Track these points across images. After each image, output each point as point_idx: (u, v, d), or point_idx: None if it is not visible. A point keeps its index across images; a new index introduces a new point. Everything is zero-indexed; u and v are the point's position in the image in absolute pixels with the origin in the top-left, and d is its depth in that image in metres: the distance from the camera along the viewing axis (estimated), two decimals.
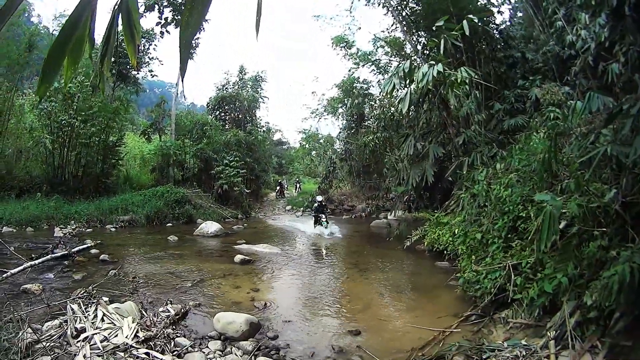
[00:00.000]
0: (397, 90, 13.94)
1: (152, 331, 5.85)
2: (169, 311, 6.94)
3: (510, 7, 19.26)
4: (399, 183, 16.77)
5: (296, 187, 42.14)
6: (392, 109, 23.45)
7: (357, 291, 9.40)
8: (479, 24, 13.43)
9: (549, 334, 5.22)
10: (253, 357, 5.70)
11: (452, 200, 12.43)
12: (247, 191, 28.66)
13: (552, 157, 6.22)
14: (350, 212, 29.57)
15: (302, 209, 31.00)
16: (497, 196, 8.10)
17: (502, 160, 10.35)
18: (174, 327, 6.43)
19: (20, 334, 5.09)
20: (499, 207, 7.95)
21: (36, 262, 9.79)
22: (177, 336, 6.04)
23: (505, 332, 6.06)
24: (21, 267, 9.02)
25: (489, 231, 8.06)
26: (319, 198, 20.61)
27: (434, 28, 12.95)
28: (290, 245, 15.96)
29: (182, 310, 7.11)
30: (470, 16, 12.65)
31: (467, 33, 12.33)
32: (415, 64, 13.17)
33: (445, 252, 10.73)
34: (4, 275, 8.17)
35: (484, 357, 5.26)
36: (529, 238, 6.49)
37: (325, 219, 18.54)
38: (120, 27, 2.18)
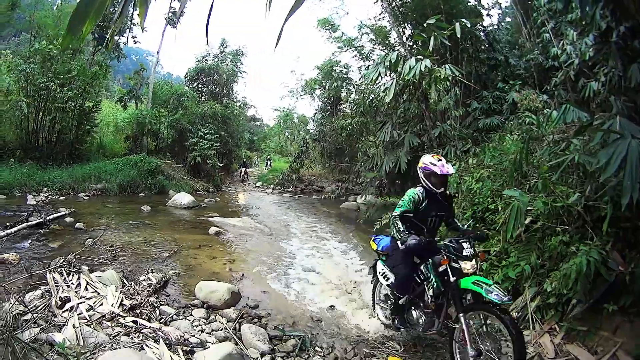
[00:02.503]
0: (381, 79, 14.02)
1: (137, 299, 5.97)
2: (150, 280, 7.07)
3: (500, 11, 19.60)
4: (371, 168, 17.06)
5: (267, 165, 42.28)
6: (372, 95, 23.59)
7: (327, 266, 9.73)
8: (468, 25, 13.67)
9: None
10: (237, 324, 5.89)
11: None
12: (220, 165, 28.69)
13: (524, 158, 6.52)
14: (319, 192, 29.94)
15: (272, 186, 31.28)
16: (469, 188, 8.38)
17: (474, 155, 10.66)
18: (156, 295, 6.56)
19: (7, 306, 4.95)
20: (469, 198, 8.23)
21: (12, 230, 9.65)
22: (161, 304, 6.18)
23: None
24: None
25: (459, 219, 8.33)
26: None
27: (424, 24, 13.03)
28: (262, 219, 15.98)
29: (163, 279, 7.26)
30: (464, 20, 12.99)
31: (459, 35, 12.66)
32: (401, 56, 13.28)
33: None
34: None
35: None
36: (496, 229, 6.77)
37: None
38: None
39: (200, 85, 34.65)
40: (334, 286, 8.37)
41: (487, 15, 18.00)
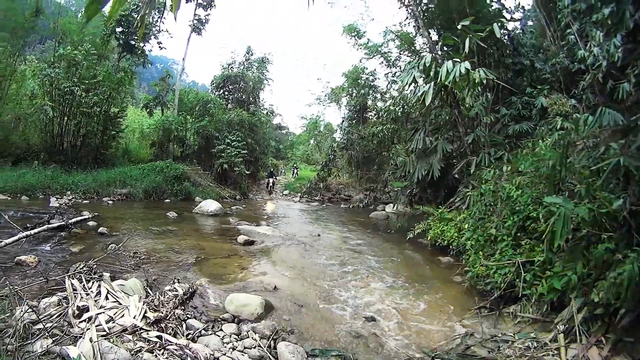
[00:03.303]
0: (415, 83, 13.65)
1: (162, 312, 5.45)
2: (176, 290, 6.51)
3: (522, 14, 19.03)
4: (403, 176, 16.51)
5: (293, 173, 42.15)
6: (402, 101, 23.18)
7: (362, 278, 9.18)
8: (506, 25, 13.28)
9: (557, 328, 5.50)
10: (272, 342, 5.43)
11: (458, 197, 12.45)
12: (247, 172, 28.36)
13: (563, 165, 6.56)
14: (347, 201, 29.47)
15: (299, 194, 31.03)
16: (509, 195, 8.13)
17: (508, 162, 10.50)
18: (183, 307, 6.05)
19: (17, 312, 4.58)
20: (510, 206, 8.02)
21: (32, 232, 9.34)
22: (188, 317, 5.70)
23: (514, 326, 6.28)
24: (16, 237, 8.56)
25: (499, 228, 8.10)
26: None
27: (458, 27, 12.62)
28: (291, 228, 15.49)
29: (190, 290, 6.73)
30: (502, 20, 12.72)
31: (498, 36, 12.55)
32: (435, 59, 12.93)
33: (450, 247, 10.73)
34: None
35: (498, 347, 5.61)
36: (539, 237, 6.79)
37: None
38: None
39: (226, 93, 34.44)
40: (372, 297, 7.88)
41: (511, 19, 17.29)
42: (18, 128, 22.97)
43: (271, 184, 32.47)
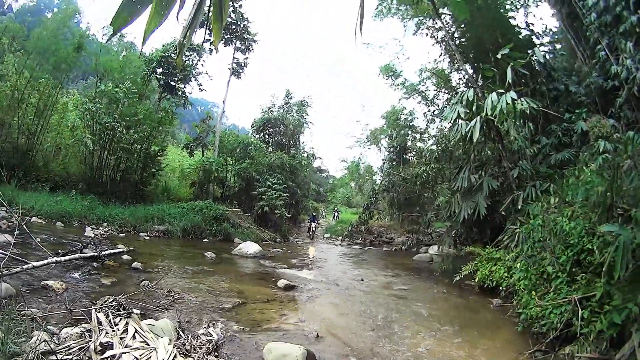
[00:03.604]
0: (460, 119, 13.20)
1: (193, 357, 4.90)
2: (210, 335, 5.97)
3: (550, 38, 18.64)
4: (449, 216, 15.81)
5: (334, 216, 41.74)
6: (444, 140, 22.77)
7: (410, 326, 8.51)
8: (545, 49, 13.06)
9: None
10: None
11: (506, 235, 11.88)
12: (288, 215, 28.08)
13: (615, 190, 6.27)
14: (389, 244, 28.77)
15: (340, 237, 30.39)
16: (562, 229, 7.53)
17: (555, 194, 9.99)
18: (216, 354, 5.48)
19: (34, 340, 4.14)
20: (563, 240, 7.46)
21: (62, 258, 9.19)
22: None
23: None
24: (45, 261, 8.30)
25: (554, 265, 7.52)
26: None
27: (498, 56, 12.63)
28: (333, 272, 14.94)
29: (225, 335, 6.16)
30: (544, 43, 12.49)
31: (541, 60, 12.85)
32: (476, 93, 12.84)
33: (499, 288, 10.32)
34: (25, 267, 7.40)
35: None
36: (594, 271, 6.43)
37: None
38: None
39: (266, 136, 34.66)
40: (422, 347, 7.22)
41: (541, 44, 17.25)
42: (58, 157, 23.62)
43: (313, 229, 31.58)
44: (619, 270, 5.04)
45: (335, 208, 45.12)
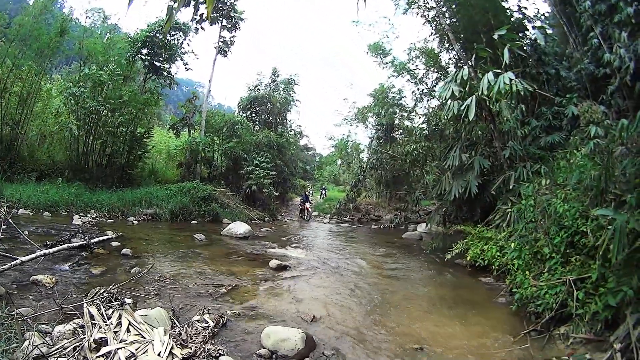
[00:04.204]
0: (446, 98, 13.33)
1: (190, 347, 4.79)
2: (206, 322, 5.82)
3: (542, 23, 18.62)
4: (440, 194, 15.81)
5: (321, 194, 41.95)
6: (435, 118, 22.74)
7: (403, 305, 8.52)
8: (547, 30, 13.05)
9: (614, 347, 5.23)
10: None
11: (497, 214, 11.84)
12: (276, 194, 28.07)
13: (608, 174, 6.39)
14: (377, 221, 28.98)
15: (328, 215, 30.68)
16: (555, 210, 7.66)
17: (545, 176, 10.39)
18: (213, 341, 5.38)
19: (25, 345, 4.00)
20: (557, 221, 7.59)
21: (51, 250, 8.93)
22: (220, 354, 5.00)
23: (566, 348, 6.02)
24: (33, 255, 8.12)
25: (548, 246, 7.59)
26: None
27: (495, 37, 12.30)
28: (324, 251, 14.97)
29: (221, 321, 6.08)
30: (544, 26, 12.54)
31: (542, 43, 13.05)
32: (471, 72, 12.78)
33: (491, 267, 10.24)
34: (13, 263, 7.23)
35: None
36: (588, 253, 6.59)
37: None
38: None
39: (253, 115, 34.62)
40: (416, 324, 7.25)
41: (533, 27, 17.19)
42: (43, 145, 23.30)
43: (308, 208, 30.84)
44: (615, 253, 5.09)
45: (323, 186, 45.73)
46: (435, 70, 24.78)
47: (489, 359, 5.84)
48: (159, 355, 4.40)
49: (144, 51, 26.73)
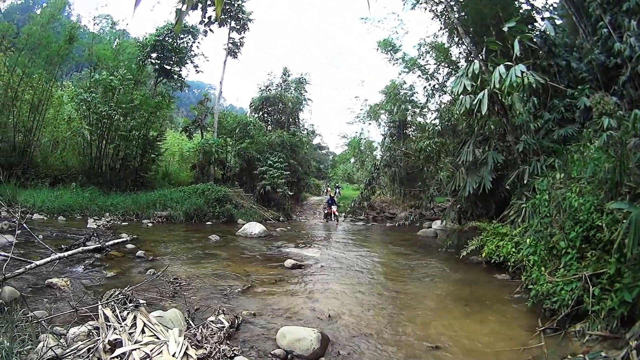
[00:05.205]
0: (458, 93, 13.11)
1: (206, 348, 4.75)
2: (221, 322, 5.79)
3: (551, 14, 18.43)
4: (454, 190, 15.66)
5: (335, 192, 41.57)
6: (448, 114, 22.56)
7: (419, 302, 8.46)
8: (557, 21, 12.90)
9: (630, 344, 4.96)
10: None
11: (512, 210, 11.84)
12: (290, 194, 28.02)
13: (623, 167, 6.27)
14: (392, 219, 28.76)
15: (343, 214, 30.20)
16: (570, 205, 7.49)
17: (559, 169, 10.00)
18: (228, 342, 5.33)
19: (39, 346, 3.97)
20: (572, 216, 7.38)
21: (65, 254, 8.96)
22: (235, 355, 4.95)
23: (582, 346, 5.83)
24: (48, 259, 8.13)
25: (564, 240, 7.40)
26: None
27: (505, 29, 12.24)
28: (339, 250, 14.84)
29: (237, 322, 6.04)
30: (554, 16, 12.32)
31: (552, 34, 12.79)
32: (481, 66, 12.49)
33: (507, 263, 10.19)
34: (28, 267, 7.19)
35: None
36: (604, 248, 6.38)
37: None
38: None
39: (265, 115, 34.63)
40: (432, 323, 7.15)
41: (542, 19, 17.08)
42: (56, 151, 23.60)
43: (334, 213, 27.30)
44: (630, 248, 4.97)
45: (337, 184, 45.23)
46: (446, 65, 24.60)
47: (505, 357, 5.76)
48: (173, 356, 4.36)
49: (154, 55, 26.93)
